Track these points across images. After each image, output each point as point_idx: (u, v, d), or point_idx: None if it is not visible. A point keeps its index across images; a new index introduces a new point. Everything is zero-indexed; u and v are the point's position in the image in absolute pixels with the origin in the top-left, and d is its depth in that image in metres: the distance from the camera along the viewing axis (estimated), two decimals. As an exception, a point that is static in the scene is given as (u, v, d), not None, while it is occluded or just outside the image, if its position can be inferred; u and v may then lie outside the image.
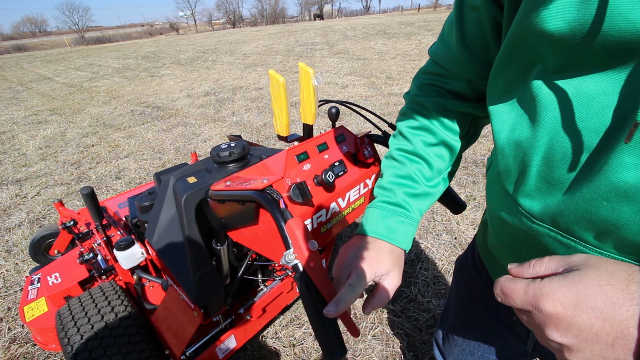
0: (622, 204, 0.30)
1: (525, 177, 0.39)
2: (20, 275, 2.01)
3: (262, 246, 0.62)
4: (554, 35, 0.33)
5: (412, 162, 0.59)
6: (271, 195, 0.51)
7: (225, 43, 16.11)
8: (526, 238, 0.42)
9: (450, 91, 0.57)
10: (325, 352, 0.43)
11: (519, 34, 0.38)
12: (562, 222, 0.36)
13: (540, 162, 0.37)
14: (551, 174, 0.36)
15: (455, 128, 0.58)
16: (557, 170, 0.35)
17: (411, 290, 1.74)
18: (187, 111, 5.13)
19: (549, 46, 0.35)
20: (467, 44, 0.51)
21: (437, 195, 0.62)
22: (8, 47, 43.58)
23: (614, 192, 0.30)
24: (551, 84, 0.36)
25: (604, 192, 0.31)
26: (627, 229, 0.31)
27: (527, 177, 0.39)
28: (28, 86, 8.78)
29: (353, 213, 0.76)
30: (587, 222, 0.34)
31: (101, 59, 14.29)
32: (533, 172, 0.38)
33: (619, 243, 0.33)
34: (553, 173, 0.36)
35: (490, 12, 0.46)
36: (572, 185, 0.34)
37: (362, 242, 0.54)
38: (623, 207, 0.30)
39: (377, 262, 0.51)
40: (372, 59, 8.06)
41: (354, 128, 3.86)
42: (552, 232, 0.38)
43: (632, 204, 0.30)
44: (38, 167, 3.53)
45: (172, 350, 1.09)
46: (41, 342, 1.32)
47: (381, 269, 0.51)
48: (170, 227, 0.81)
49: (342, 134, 0.74)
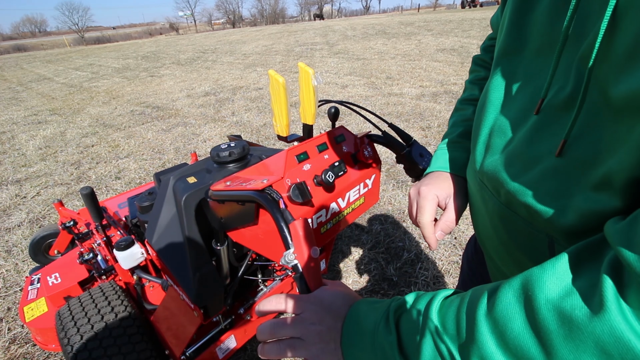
0: (520, 167, 0.41)
1: (476, 143, 0.50)
2: (20, 276, 2.01)
3: (262, 246, 0.62)
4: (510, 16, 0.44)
5: (465, 105, 0.69)
6: (271, 196, 0.51)
7: (225, 43, 16.11)
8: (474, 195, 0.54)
9: None
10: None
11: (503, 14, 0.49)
12: (487, 178, 0.46)
13: (487, 131, 0.48)
14: (490, 141, 0.47)
15: None
16: (494, 139, 0.46)
17: (411, 290, 1.74)
18: (187, 111, 5.13)
19: (507, 26, 0.45)
20: None
21: None
22: (8, 47, 43.57)
23: (518, 160, 0.41)
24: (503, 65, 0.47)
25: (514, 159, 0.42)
26: (511, 184, 0.41)
27: (477, 143, 0.50)
28: (28, 86, 8.78)
29: (353, 213, 0.76)
30: (498, 179, 0.44)
31: (101, 59, 14.29)
32: (481, 140, 0.49)
33: (507, 197, 0.43)
34: (491, 140, 0.47)
35: None
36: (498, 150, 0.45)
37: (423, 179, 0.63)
38: (520, 170, 0.41)
39: (435, 186, 0.59)
40: (372, 59, 8.06)
41: (354, 128, 3.86)
42: (484, 186, 0.48)
43: (528, 170, 0.40)
44: (38, 167, 3.53)
45: (172, 350, 1.09)
46: (41, 342, 1.32)
47: (441, 192, 0.58)
48: (170, 227, 0.81)
49: (342, 134, 0.74)
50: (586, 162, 0.34)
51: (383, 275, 1.84)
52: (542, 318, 0.26)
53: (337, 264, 1.97)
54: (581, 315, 0.25)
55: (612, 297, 0.23)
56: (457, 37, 10.16)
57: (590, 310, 0.24)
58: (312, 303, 0.43)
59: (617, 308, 0.23)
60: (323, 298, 0.43)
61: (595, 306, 0.24)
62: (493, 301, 0.30)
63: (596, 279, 0.25)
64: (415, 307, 0.37)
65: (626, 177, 0.29)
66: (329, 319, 0.41)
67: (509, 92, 0.45)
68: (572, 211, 0.35)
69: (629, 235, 0.24)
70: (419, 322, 0.35)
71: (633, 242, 0.24)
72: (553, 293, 0.27)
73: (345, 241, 2.13)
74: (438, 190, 0.58)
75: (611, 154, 0.31)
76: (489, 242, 0.53)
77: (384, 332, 0.37)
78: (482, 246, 0.58)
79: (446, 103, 4.45)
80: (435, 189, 0.58)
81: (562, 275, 0.27)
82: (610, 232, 0.27)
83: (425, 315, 0.35)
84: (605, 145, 0.32)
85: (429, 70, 6.33)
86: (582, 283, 0.26)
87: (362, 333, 0.39)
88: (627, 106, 0.29)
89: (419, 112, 4.19)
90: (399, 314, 0.38)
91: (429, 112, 4.18)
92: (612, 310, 0.23)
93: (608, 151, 0.31)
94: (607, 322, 0.23)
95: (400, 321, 0.38)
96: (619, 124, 0.30)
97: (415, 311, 0.37)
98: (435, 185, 0.59)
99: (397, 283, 1.79)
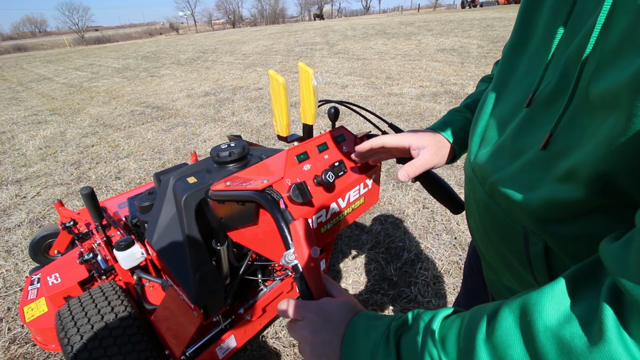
0: (507, 159, 0.43)
1: (472, 137, 0.53)
2: (20, 276, 2.01)
3: (262, 246, 0.62)
4: (519, 15, 0.47)
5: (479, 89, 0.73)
6: (271, 196, 0.51)
7: (225, 43, 16.11)
8: (468, 185, 0.55)
9: None
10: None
11: None
12: (477, 168, 0.49)
13: (484, 124, 0.51)
14: (485, 134, 0.49)
15: None
16: (489, 131, 0.48)
17: (411, 290, 1.74)
18: (187, 111, 5.13)
19: (516, 24, 0.48)
20: None
21: None
22: (8, 47, 43.56)
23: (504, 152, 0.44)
24: (502, 63, 0.50)
25: (500, 151, 0.44)
26: (495, 175, 0.44)
27: (473, 136, 0.52)
28: (28, 86, 8.78)
29: (353, 213, 0.76)
30: (486, 170, 0.46)
31: (101, 59, 14.29)
32: (478, 132, 0.51)
33: (491, 187, 0.45)
34: (487, 133, 0.49)
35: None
36: (490, 143, 0.48)
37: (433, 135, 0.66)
38: (506, 162, 0.43)
39: (415, 135, 0.62)
40: (372, 59, 8.06)
41: (354, 128, 3.86)
42: (474, 176, 0.51)
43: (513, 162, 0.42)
44: (38, 167, 3.53)
45: (172, 350, 1.09)
46: (41, 343, 1.32)
47: (417, 141, 0.61)
48: (170, 227, 0.81)
49: (342, 134, 0.74)
50: (561, 154, 0.35)
51: (383, 275, 1.84)
52: (541, 346, 0.26)
53: (337, 264, 1.97)
54: (581, 345, 0.24)
55: (612, 326, 0.22)
56: (457, 37, 10.16)
57: (589, 340, 0.23)
58: (313, 313, 0.43)
59: (617, 338, 0.22)
60: (325, 309, 0.43)
61: (595, 335, 0.23)
62: (492, 326, 0.30)
63: (595, 305, 0.24)
64: (415, 327, 0.37)
65: (592, 171, 0.30)
66: (326, 332, 0.41)
67: (507, 86, 0.47)
68: (538, 200, 0.37)
69: (624, 260, 0.23)
70: (419, 344, 0.35)
71: (628, 269, 0.22)
72: (552, 319, 0.26)
73: (345, 241, 2.13)
74: (415, 139, 0.62)
75: (581, 147, 0.32)
76: (477, 233, 0.55)
77: (384, 353, 0.37)
78: (472, 237, 0.61)
79: (446, 103, 4.45)
80: (413, 137, 0.62)
81: (560, 300, 0.27)
82: (605, 254, 0.26)
83: (425, 337, 0.35)
84: (579, 140, 0.33)
85: (429, 71, 6.33)
86: (581, 309, 0.25)
87: (362, 351, 0.39)
88: (602, 102, 0.30)
89: (419, 112, 4.19)
90: (399, 334, 0.38)
91: (429, 112, 4.19)
92: (613, 341, 0.22)
93: (580, 145, 0.33)
94: (607, 352, 0.22)
95: (401, 342, 0.37)
96: (593, 119, 0.32)
97: (415, 332, 0.36)
98: (416, 135, 0.62)
99: (397, 283, 1.79)
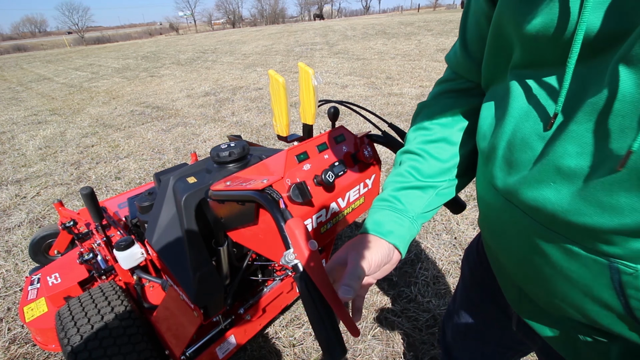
0: (564, 185, 0.35)
1: (494, 159, 0.44)
2: (20, 276, 2.01)
3: (262, 246, 0.62)
4: (521, 31, 0.38)
5: (408, 159, 0.59)
6: (271, 196, 0.51)
7: (225, 43, 16.10)
8: (497, 213, 0.47)
9: (457, 90, 0.59)
10: (326, 352, 0.43)
11: (498, 27, 0.43)
12: (518, 197, 0.41)
13: (504, 146, 0.42)
14: (512, 157, 0.41)
15: (458, 124, 0.58)
16: (516, 154, 0.41)
17: (411, 290, 1.74)
18: (187, 111, 5.13)
19: (518, 41, 0.40)
20: (468, 47, 0.54)
21: (439, 192, 0.59)
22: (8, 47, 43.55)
23: (559, 175, 0.35)
24: (519, 77, 0.42)
25: (552, 174, 0.36)
26: (559, 207, 0.36)
27: (494, 159, 0.44)
28: (28, 86, 8.78)
29: (353, 213, 0.76)
30: (534, 199, 0.38)
31: (101, 59, 14.29)
32: (499, 155, 0.43)
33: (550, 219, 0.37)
34: (513, 156, 0.41)
35: (488, 14, 0.48)
36: (527, 166, 0.39)
37: (353, 240, 0.54)
38: (564, 187, 0.35)
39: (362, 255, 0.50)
40: (372, 59, 8.06)
41: (354, 128, 3.86)
42: (512, 206, 0.42)
43: (570, 185, 0.34)
44: (38, 167, 3.53)
45: (172, 350, 1.09)
46: (41, 343, 1.32)
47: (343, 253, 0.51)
48: (170, 227, 0.81)
49: (342, 134, 0.74)
50: None
51: (383, 275, 1.84)
52: None
53: (337, 264, 1.97)
54: None
55: None
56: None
57: None
58: None
59: None
60: None
61: None
62: None
63: None
64: None
65: None
66: None
67: (528, 103, 0.40)
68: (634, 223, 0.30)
69: None
70: None
71: None
72: None
73: (345, 241, 2.13)
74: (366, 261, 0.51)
75: None
76: (517, 267, 0.48)
77: None
78: (501, 267, 0.54)
79: (446, 103, 4.44)
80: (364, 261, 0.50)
81: None
82: None
83: None
84: None
85: (429, 70, 6.34)
86: None
87: None
88: None
89: (419, 112, 4.19)
90: None
91: (429, 112, 4.18)
92: None
93: None
94: None
95: None
96: None
97: None
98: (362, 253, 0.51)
99: (397, 283, 1.79)
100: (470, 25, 0.53)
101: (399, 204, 0.56)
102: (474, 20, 0.51)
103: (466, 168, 0.60)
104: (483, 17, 0.49)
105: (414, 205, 0.56)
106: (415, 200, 0.57)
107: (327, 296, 0.45)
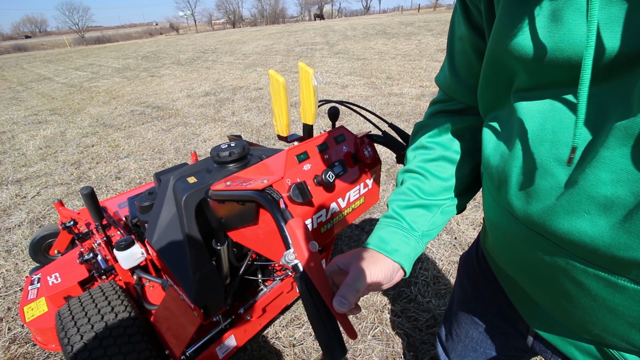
0: (601, 216, 0.32)
1: (507, 186, 0.41)
2: (20, 275, 2.01)
3: (262, 246, 0.62)
4: (525, 57, 0.36)
5: (410, 178, 0.59)
6: (271, 195, 0.51)
7: (225, 43, 16.11)
8: (517, 241, 0.44)
9: (451, 110, 0.59)
10: (326, 352, 0.43)
11: (495, 57, 0.42)
12: (546, 228, 0.37)
13: (519, 172, 0.39)
14: (530, 184, 0.38)
15: (456, 143, 0.59)
16: (534, 181, 0.37)
17: (411, 290, 1.74)
18: (187, 111, 5.13)
19: (522, 67, 0.38)
20: (457, 72, 0.54)
21: (443, 209, 0.59)
22: (8, 47, 43.56)
23: (594, 205, 0.32)
24: (527, 100, 0.39)
25: (585, 204, 0.32)
26: (599, 240, 0.32)
27: (508, 186, 0.41)
28: (28, 86, 8.78)
29: (353, 213, 0.76)
30: (567, 231, 0.35)
31: (101, 59, 14.29)
32: (513, 182, 0.40)
33: (588, 252, 0.34)
34: (532, 183, 0.38)
35: (473, 42, 0.48)
36: (551, 195, 0.36)
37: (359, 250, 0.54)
38: (601, 219, 0.32)
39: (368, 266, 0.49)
40: (372, 59, 8.06)
41: (354, 128, 3.86)
42: (538, 236, 0.39)
43: (609, 216, 0.31)
44: (38, 167, 3.53)
45: (172, 350, 1.09)
46: (41, 342, 1.32)
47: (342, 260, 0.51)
48: (170, 227, 0.81)
49: (342, 134, 0.74)
50: None
51: (383, 275, 1.84)
52: None
53: (337, 264, 1.97)
54: None
55: None
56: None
57: None
58: None
59: None
60: None
61: None
62: None
63: None
64: None
65: None
66: None
67: (541, 127, 0.37)
68: None
69: None
70: None
71: None
72: None
73: (345, 241, 2.13)
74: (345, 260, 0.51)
75: None
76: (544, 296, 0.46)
77: None
78: (516, 286, 0.53)
79: (446, 103, 4.45)
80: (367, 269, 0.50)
81: None
82: None
83: None
84: None
85: (429, 70, 6.33)
86: None
87: None
88: None
89: (419, 112, 4.19)
90: None
91: (429, 112, 4.18)
92: None
93: None
94: None
95: None
96: None
97: None
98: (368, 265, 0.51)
99: (397, 283, 1.79)
100: (457, 52, 0.53)
101: (404, 222, 0.56)
102: (460, 48, 0.52)
103: (468, 186, 0.60)
104: (467, 44, 0.49)
105: (419, 223, 0.56)
106: (419, 218, 0.57)
107: (326, 297, 0.45)
